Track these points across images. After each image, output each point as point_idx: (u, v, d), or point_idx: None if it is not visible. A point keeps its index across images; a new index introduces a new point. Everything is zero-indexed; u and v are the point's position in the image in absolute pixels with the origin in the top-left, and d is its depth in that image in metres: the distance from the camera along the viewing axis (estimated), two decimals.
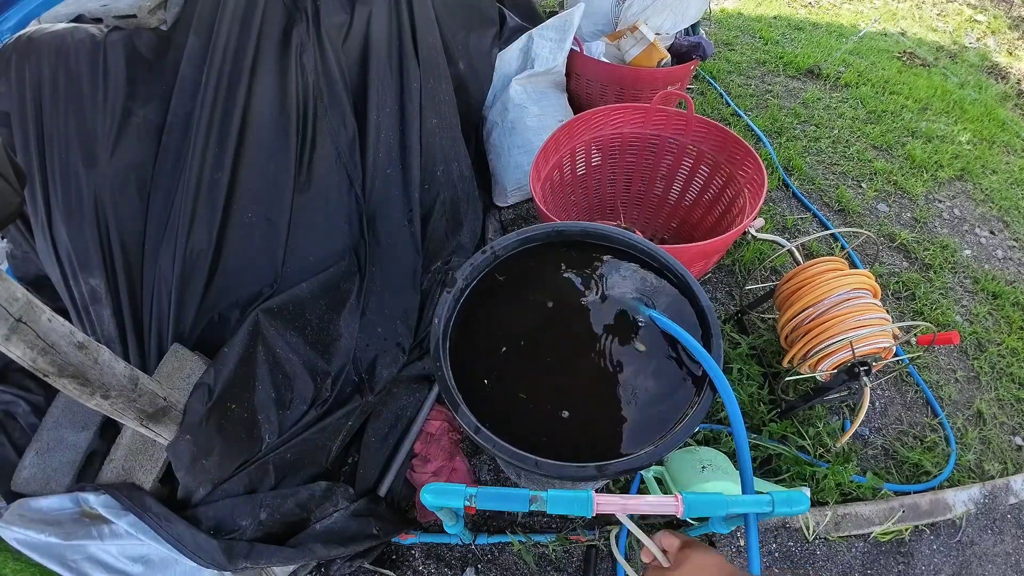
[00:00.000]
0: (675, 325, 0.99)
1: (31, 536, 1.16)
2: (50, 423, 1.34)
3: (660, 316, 1.02)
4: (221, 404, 1.29)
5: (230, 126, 1.47)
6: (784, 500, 0.76)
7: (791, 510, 0.76)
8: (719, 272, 2.15)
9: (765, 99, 3.03)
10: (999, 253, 2.33)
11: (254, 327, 1.42)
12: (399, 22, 1.78)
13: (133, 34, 1.48)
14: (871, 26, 3.85)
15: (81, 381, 0.96)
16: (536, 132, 2.11)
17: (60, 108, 1.42)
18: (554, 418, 0.95)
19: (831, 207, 2.44)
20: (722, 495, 0.76)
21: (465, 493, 0.76)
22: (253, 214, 1.51)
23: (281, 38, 1.56)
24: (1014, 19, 4.11)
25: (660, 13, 2.24)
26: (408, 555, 1.48)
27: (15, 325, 0.85)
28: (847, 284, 1.45)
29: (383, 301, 1.70)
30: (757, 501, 0.76)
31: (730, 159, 1.79)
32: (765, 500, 0.76)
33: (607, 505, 0.72)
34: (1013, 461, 1.70)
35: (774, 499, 0.76)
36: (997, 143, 2.85)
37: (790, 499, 0.76)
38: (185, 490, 1.24)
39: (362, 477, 1.46)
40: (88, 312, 1.43)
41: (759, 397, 1.72)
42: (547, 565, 1.45)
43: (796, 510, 0.76)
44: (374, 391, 1.58)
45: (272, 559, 1.20)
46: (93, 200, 1.41)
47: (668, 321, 1.00)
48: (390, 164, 1.75)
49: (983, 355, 1.94)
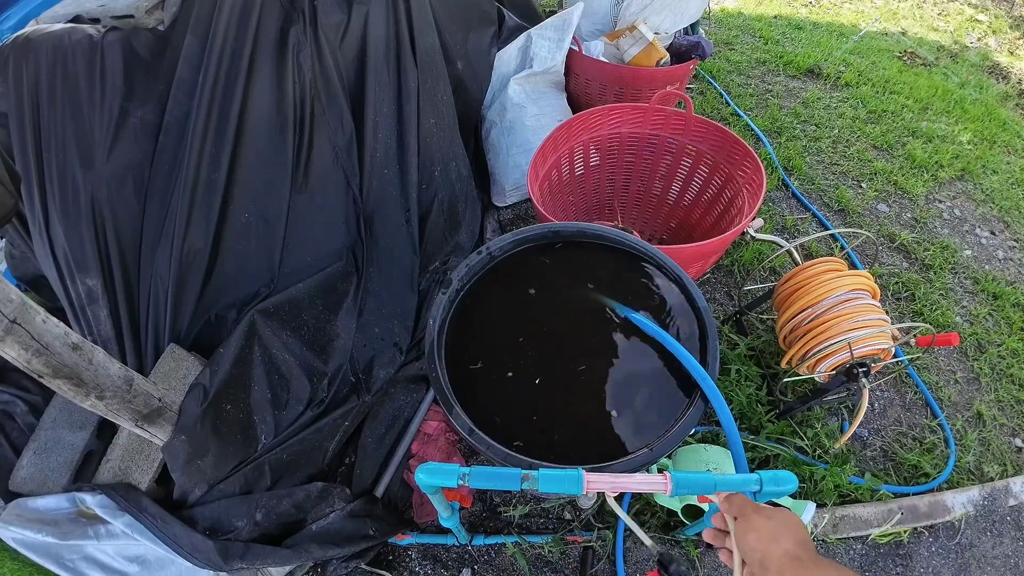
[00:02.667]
0: (661, 331, 0.98)
1: (28, 536, 1.16)
2: (48, 423, 1.34)
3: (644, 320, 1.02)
4: (217, 405, 1.29)
5: (227, 126, 1.47)
6: (772, 479, 0.76)
7: (780, 489, 0.76)
8: (718, 272, 2.15)
9: (765, 99, 3.03)
10: (1000, 254, 2.32)
11: (250, 327, 1.42)
12: (397, 22, 1.77)
13: (130, 34, 1.48)
14: (872, 26, 3.84)
15: (76, 382, 0.96)
16: (535, 132, 2.11)
17: (57, 108, 1.42)
18: (549, 420, 0.95)
19: (831, 207, 2.43)
20: (710, 474, 0.76)
21: (458, 472, 0.78)
22: (250, 214, 1.51)
23: (278, 38, 1.56)
24: (1015, 19, 4.09)
25: (659, 12, 2.24)
26: (405, 556, 1.48)
27: (9, 326, 0.84)
28: (846, 285, 1.44)
29: (380, 301, 1.70)
30: (746, 480, 0.77)
31: (729, 159, 1.78)
32: (754, 479, 0.76)
33: (597, 483, 0.73)
34: (1013, 463, 1.69)
35: (762, 478, 0.76)
36: (998, 143, 2.84)
37: (778, 478, 0.77)
38: (181, 491, 1.24)
39: (359, 478, 1.46)
40: (85, 312, 1.43)
41: (757, 398, 1.72)
42: (544, 566, 1.45)
43: (785, 489, 0.77)
44: (371, 391, 1.58)
45: (268, 560, 1.20)
46: (90, 200, 1.41)
47: (656, 327, 0.99)
48: (388, 164, 1.75)
49: (983, 356, 1.93)
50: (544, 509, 1.54)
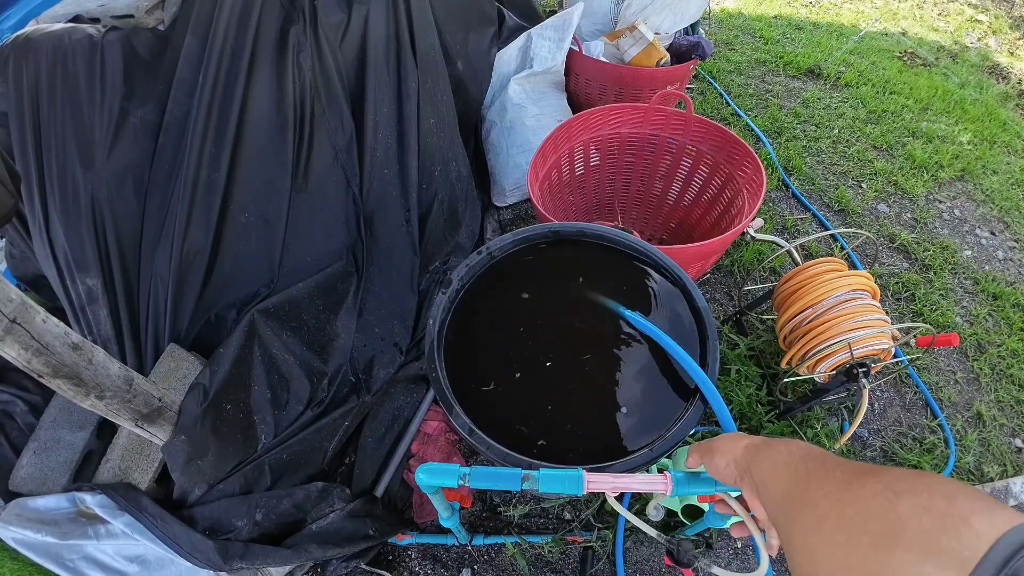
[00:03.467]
0: (659, 331, 0.98)
1: (28, 535, 1.16)
2: (47, 423, 1.34)
3: (642, 321, 1.02)
4: (217, 405, 1.29)
5: (227, 126, 1.47)
6: None
7: None
8: (718, 273, 2.15)
9: (765, 99, 3.03)
10: (1000, 254, 2.32)
11: (250, 327, 1.42)
12: (397, 22, 1.78)
13: (130, 34, 1.48)
14: (872, 26, 3.84)
15: (76, 382, 0.96)
16: (535, 132, 2.11)
17: (57, 108, 1.42)
18: (549, 420, 0.95)
19: (831, 207, 2.43)
20: None
21: (459, 472, 0.77)
22: (250, 214, 1.51)
23: (278, 38, 1.56)
24: (1015, 19, 4.09)
25: (659, 12, 2.24)
26: (404, 556, 1.48)
27: (9, 326, 0.85)
28: (846, 285, 1.44)
29: (380, 301, 1.70)
30: None
31: (729, 159, 1.78)
32: None
33: (597, 483, 0.73)
34: (1013, 463, 1.69)
35: None
36: (998, 143, 2.84)
37: None
38: (181, 490, 1.24)
39: (359, 478, 1.46)
40: (85, 312, 1.43)
41: (757, 398, 1.72)
42: (544, 566, 1.45)
43: None
44: (371, 391, 1.58)
45: (268, 560, 1.20)
46: (90, 200, 1.41)
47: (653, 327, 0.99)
48: (388, 164, 1.75)
49: (983, 357, 1.93)
50: (544, 509, 1.54)
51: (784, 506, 0.48)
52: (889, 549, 0.35)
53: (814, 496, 0.45)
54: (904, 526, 0.35)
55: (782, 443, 0.56)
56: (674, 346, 0.94)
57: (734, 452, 0.61)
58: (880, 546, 0.36)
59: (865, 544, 0.37)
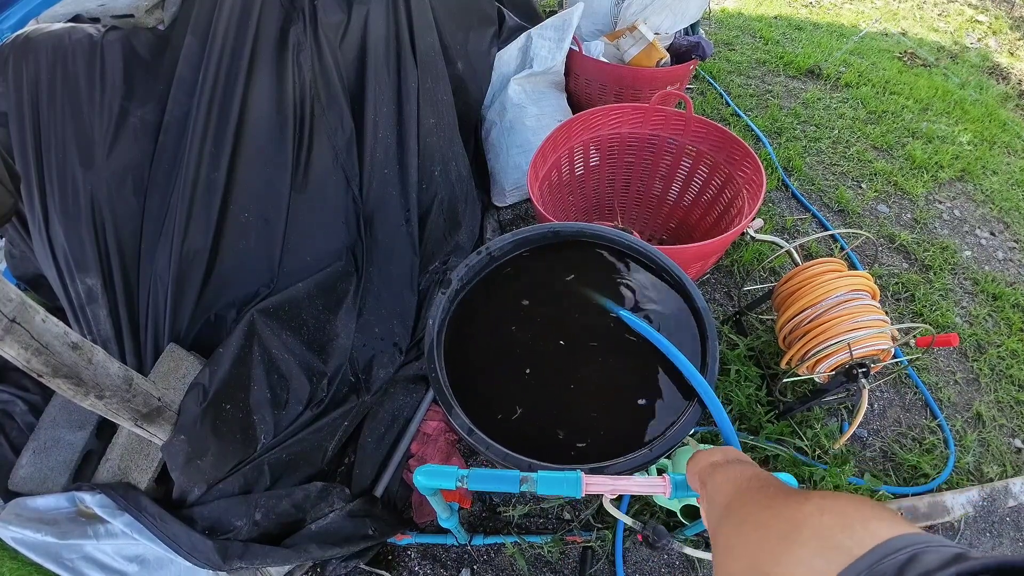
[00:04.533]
0: (656, 333, 0.98)
1: (28, 535, 1.16)
2: (47, 422, 1.34)
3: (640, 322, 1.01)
4: (216, 404, 1.29)
5: (227, 126, 1.47)
6: None
7: None
8: (717, 273, 2.15)
9: (765, 99, 3.03)
10: (999, 254, 2.32)
11: (250, 327, 1.42)
12: (397, 22, 1.78)
13: (130, 34, 1.48)
14: (872, 26, 3.84)
15: (75, 381, 0.96)
16: (535, 132, 2.11)
17: (57, 108, 1.42)
18: (548, 420, 0.95)
19: (831, 208, 2.43)
20: None
21: (457, 474, 0.78)
22: (250, 214, 1.51)
23: (278, 38, 1.56)
24: (1015, 19, 4.09)
25: (659, 13, 2.24)
26: (404, 556, 1.48)
27: (9, 325, 0.85)
28: (846, 285, 1.44)
29: (380, 301, 1.70)
30: None
31: (729, 159, 1.78)
32: None
33: (596, 485, 0.73)
34: (1012, 464, 1.69)
35: None
36: (998, 144, 2.84)
37: None
38: (180, 490, 1.24)
39: (358, 477, 1.46)
40: (84, 312, 1.43)
41: (757, 398, 1.72)
42: (543, 566, 1.45)
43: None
44: (371, 391, 1.58)
45: (267, 559, 1.20)
46: (90, 200, 1.41)
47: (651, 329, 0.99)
48: (388, 164, 1.75)
49: (983, 357, 1.93)
50: (543, 509, 1.54)
51: (720, 514, 0.53)
52: (790, 543, 0.39)
53: (744, 506, 0.50)
54: (805, 523, 0.39)
55: (740, 465, 0.61)
56: (669, 347, 0.94)
57: (701, 466, 0.67)
58: (783, 540, 0.39)
59: (772, 540, 0.41)
